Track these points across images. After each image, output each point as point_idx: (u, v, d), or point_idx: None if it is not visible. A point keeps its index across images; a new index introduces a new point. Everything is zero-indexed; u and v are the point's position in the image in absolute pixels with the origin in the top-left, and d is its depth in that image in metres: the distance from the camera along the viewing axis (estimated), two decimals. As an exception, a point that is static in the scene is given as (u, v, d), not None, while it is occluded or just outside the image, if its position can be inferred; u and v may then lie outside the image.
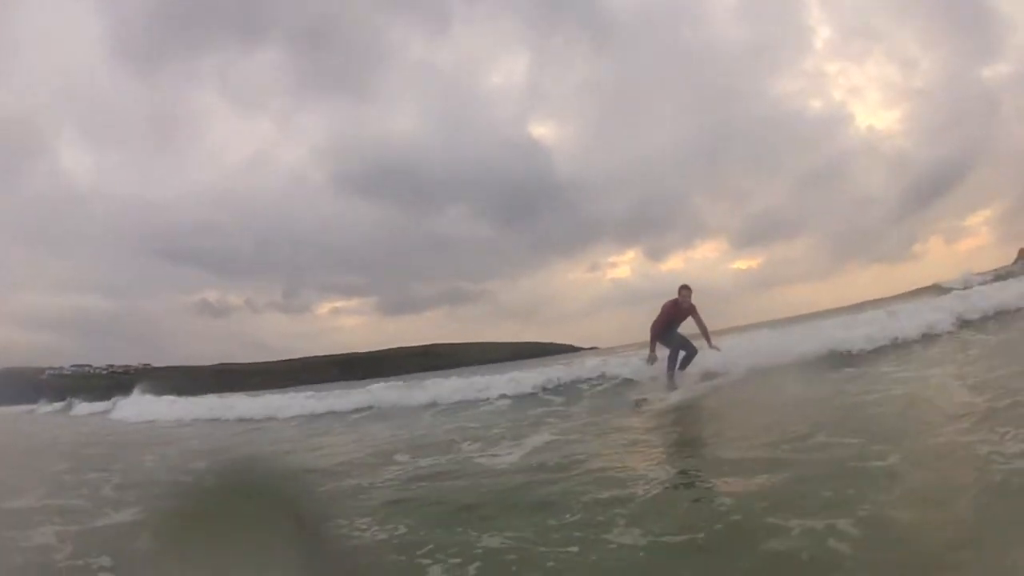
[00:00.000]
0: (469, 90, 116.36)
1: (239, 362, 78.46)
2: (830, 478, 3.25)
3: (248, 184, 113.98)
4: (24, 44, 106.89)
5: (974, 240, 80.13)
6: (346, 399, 11.80)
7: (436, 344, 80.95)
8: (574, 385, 9.47)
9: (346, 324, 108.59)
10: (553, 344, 70.42)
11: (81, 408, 22.84)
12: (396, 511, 3.88)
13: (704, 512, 3.17)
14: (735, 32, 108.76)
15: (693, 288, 8.26)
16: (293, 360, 77.57)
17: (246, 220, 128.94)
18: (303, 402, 12.55)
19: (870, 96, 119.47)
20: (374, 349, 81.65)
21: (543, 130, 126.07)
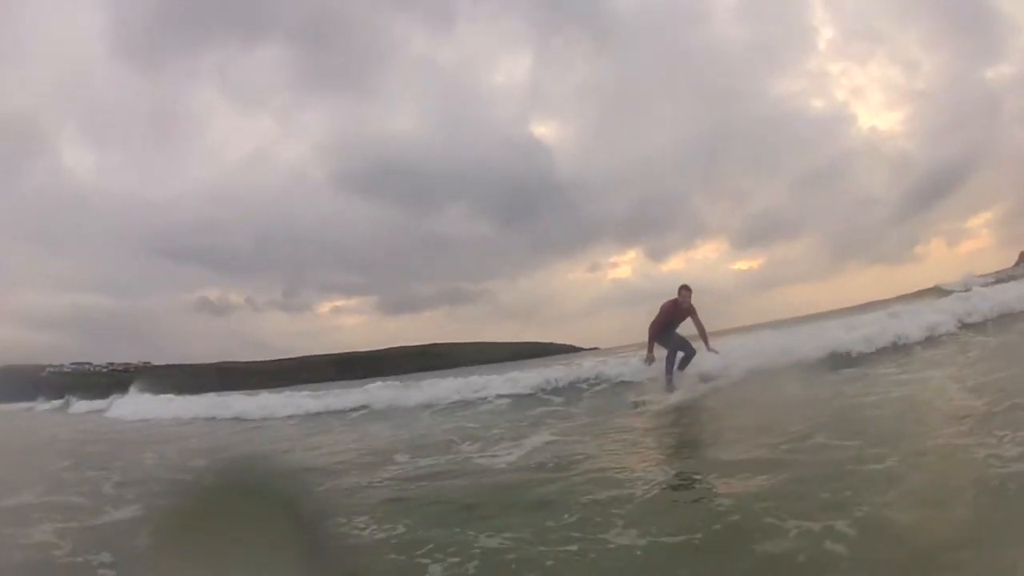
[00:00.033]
0: (471, 89, 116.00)
1: (239, 360, 78.45)
2: (828, 480, 3.26)
3: (248, 182, 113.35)
4: (25, 42, 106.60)
5: (975, 242, 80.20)
6: (345, 398, 11.81)
7: (436, 344, 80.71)
8: (573, 385, 9.48)
9: (346, 323, 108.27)
10: (553, 344, 70.15)
11: (79, 406, 22.81)
12: (395, 510, 3.89)
13: (702, 513, 3.18)
14: (737, 32, 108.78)
15: (693, 288, 8.22)
16: (293, 359, 77.54)
17: (246, 218, 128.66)
18: (302, 401, 12.56)
19: (872, 97, 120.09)
20: (374, 348, 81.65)
21: (544, 130, 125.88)
